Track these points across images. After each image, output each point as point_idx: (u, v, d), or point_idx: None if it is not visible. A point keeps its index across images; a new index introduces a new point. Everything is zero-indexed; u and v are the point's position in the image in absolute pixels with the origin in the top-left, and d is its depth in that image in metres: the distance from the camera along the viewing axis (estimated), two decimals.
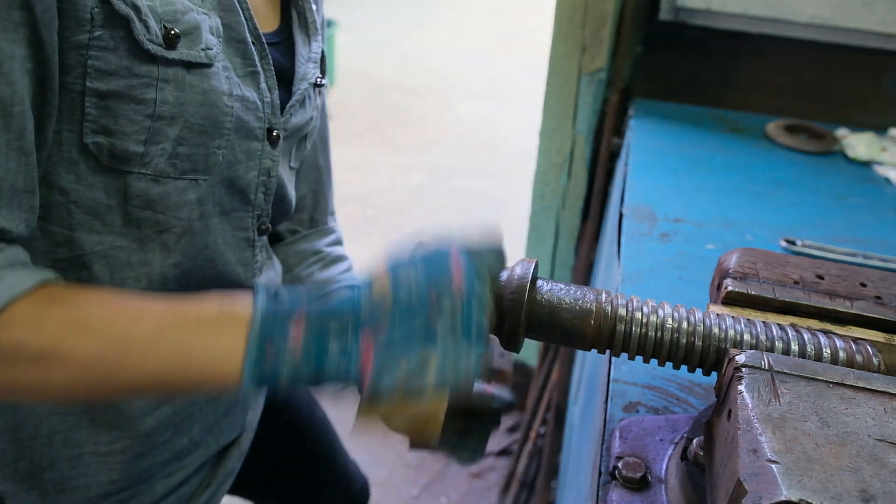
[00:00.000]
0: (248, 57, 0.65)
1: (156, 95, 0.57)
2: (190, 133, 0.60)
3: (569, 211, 1.79)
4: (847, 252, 1.00)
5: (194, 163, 0.62)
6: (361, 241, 3.14)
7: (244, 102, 0.64)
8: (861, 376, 0.45)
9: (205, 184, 0.64)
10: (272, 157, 0.71)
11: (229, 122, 0.63)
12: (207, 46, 0.60)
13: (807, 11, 1.45)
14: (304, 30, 0.77)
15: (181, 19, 0.58)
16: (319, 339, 0.47)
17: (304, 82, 0.74)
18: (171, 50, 0.57)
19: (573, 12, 1.56)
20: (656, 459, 0.61)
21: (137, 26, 0.55)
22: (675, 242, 1.02)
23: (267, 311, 0.49)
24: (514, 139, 4.13)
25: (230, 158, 0.65)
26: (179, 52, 0.57)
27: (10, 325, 0.49)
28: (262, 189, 0.72)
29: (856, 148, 1.36)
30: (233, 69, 0.64)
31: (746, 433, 0.41)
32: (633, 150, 1.32)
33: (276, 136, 0.70)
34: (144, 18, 0.55)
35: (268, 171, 0.71)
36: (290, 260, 0.92)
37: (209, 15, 0.61)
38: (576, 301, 0.54)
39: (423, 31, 6.17)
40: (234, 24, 0.63)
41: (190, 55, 0.58)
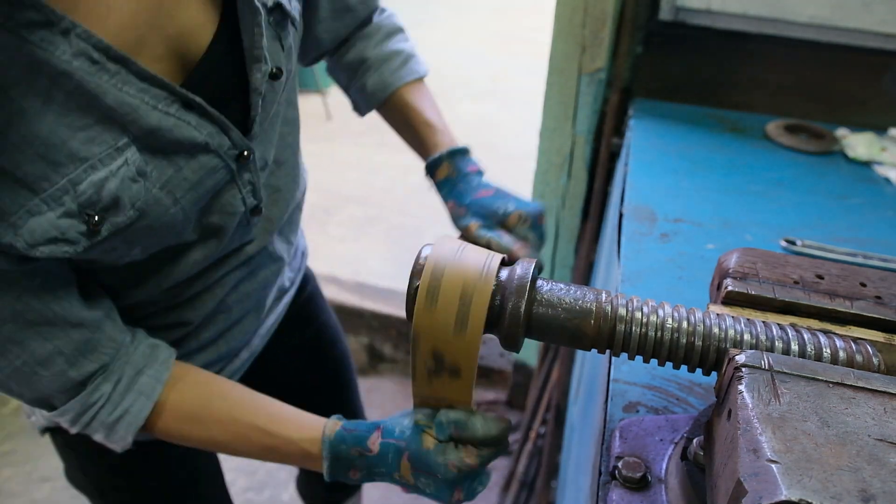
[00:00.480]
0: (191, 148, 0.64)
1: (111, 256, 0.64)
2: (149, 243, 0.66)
3: (569, 211, 1.79)
4: (847, 252, 1.00)
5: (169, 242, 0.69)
6: (362, 241, 3.14)
7: (195, 187, 0.65)
8: (861, 376, 0.45)
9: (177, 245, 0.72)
10: (248, 169, 0.72)
11: (182, 217, 0.66)
12: (134, 201, 0.60)
13: (807, 11, 1.45)
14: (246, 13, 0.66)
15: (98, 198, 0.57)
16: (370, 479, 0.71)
17: (255, 94, 0.69)
18: (99, 235, 0.59)
19: (573, 12, 1.56)
20: (656, 459, 0.61)
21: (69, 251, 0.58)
22: (675, 242, 1.02)
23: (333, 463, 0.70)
24: (514, 139, 4.13)
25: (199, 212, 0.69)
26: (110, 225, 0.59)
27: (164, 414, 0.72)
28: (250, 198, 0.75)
29: (856, 148, 1.35)
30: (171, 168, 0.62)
31: (746, 433, 0.41)
32: (633, 150, 1.32)
33: (247, 156, 0.70)
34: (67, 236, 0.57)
35: (251, 183, 0.73)
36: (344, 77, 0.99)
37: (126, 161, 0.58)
38: (576, 301, 0.54)
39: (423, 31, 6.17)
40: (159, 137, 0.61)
41: (120, 224, 0.60)
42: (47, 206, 0.55)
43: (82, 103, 0.55)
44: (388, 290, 2.53)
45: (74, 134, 0.55)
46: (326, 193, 3.46)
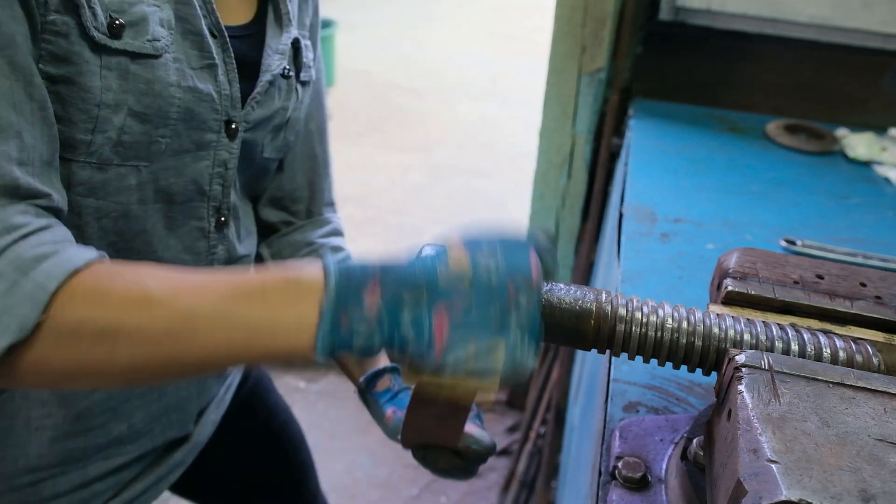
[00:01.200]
0: (205, 49, 0.66)
1: (101, 83, 0.58)
2: (133, 121, 0.61)
3: (569, 211, 1.79)
4: (847, 252, 1.00)
5: (136, 150, 0.63)
6: (361, 241, 3.13)
7: (196, 94, 0.65)
8: (861, 376, 0.45)
9: (146, 170, 0.65)
10: (229, 150, 0.72)
11: (175, 113, 0.64)
12: (155, 38, 0.61)
13: (807, 11, 1.45)
14: (277, 21, 0.77)
15: (128, 10, 0.59)
16: (394, 309, 0.46)
17: (267, 73, 0.74)
18: (116, 39, 0.58)
19: (573, 12, 1.56)
20: (656, 459, 0.61)
21: (86, 13, 0.56)
22: (675, 242, 1.02)
23: (341, 279, 0.47)
24: (514, 139, 4.13)
25: (176, 147, 0.66)
26: (124, 41, 0.59)
27: (73, 301, 0.48)
28: (217, 181, 0.72)
29: (856, 148, 1.36)
30: (186, 61, 0.64)
31: (746, 433, 0.41)
32: (633, 150, 1.32)
33: (234, 129, 0.71)
34: (93, 6, 0.56)
35: (224, 162, 0.72)
36: (284, 252, 0.91)
37: (161, 7, 0.62)
38: (576, 301, 0.54)
39: (423, 31, 6.17)
40: (190, 16, 0.64)
41: (134, 45, 0.59)
42: None
43: None
44: None
45: None
46: None
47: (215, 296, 0.49)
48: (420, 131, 4.29)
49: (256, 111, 0.74)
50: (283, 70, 0.76)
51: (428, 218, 3.31)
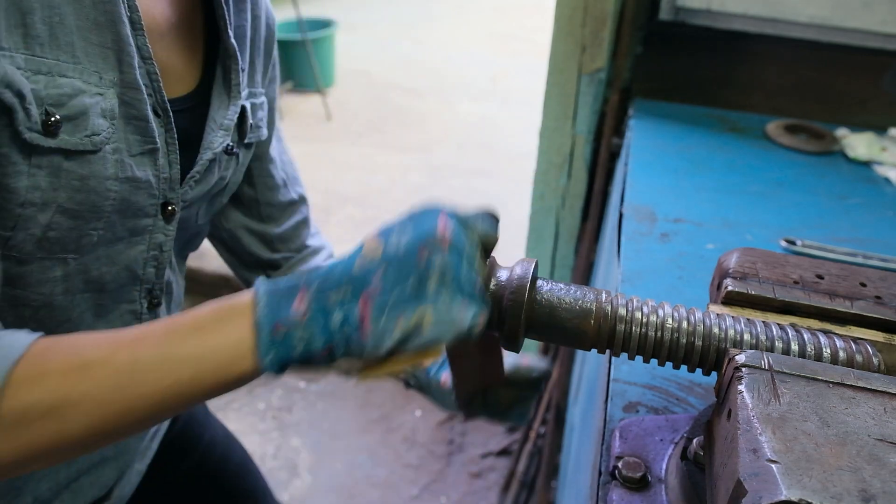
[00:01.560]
0: (148, 134, 0.62)
1: (28, 182, 0.54)
2: (62, 218, 0.57)
3: (569, 211, 1.79)
4: (847, 252, 1.00)
5: (64, 244, 0.59)
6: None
7: (134, 183, 0.61)
8: (861, 376, 0.45)
9: (74, 262, 0.61)
10: (165, 232, 0.68)
11: (110, 206, 0.60)
12: (94, 132, 0.57)
13: (807, 11, 1.45)
14: (226, 90, 0.71)
15: (67, 103, 0.55)
16: (323, 311, 0.47)
17: (207, 151, 0.69)
18: (51, 138, 0.54)
19: (573, 12, 1.56)
20: (656, 459, 0.61)
21: (20, 116, 0.52)
22: (675, 242, 1.02)
23: (269, 296, 0.48)
24: (514, 139, 4.13)
25: (109, 237, 0.62)
26: (59, 139, 0.55)
27: (15, 390, 0.46)
28: (152, 264, 0.69)
29: (856, 148, 1.36)
30: (126, 149, 0.60)
31: (746, 433, 0.41)
32: (633, 150, 1.32)
33: (171, 211, 0.67)
34: (27, 106, 0.52)
35: (159, 245, 0.68)
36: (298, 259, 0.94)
37: (104, 94, 0.58)
38: (576, 301, 0.54)
39: (423, 31, 6.17)
40: (135, 101, 0.60)
41: (70, 143, 0.55)
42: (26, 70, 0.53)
43: (103, 20, 0.57)
44: None
45: (84, 37, 0.56)
46: (325, 194, 3.46)
47: (152, 342, 0.49)
48: (420, 131, 4.29)
49: (195, 189, 0.70)
50: (227, 147, 0.72)
51: None
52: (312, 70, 4.27)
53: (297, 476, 2.01)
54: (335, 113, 4.43)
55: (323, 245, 0.97)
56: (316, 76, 4.30)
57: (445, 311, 0.46)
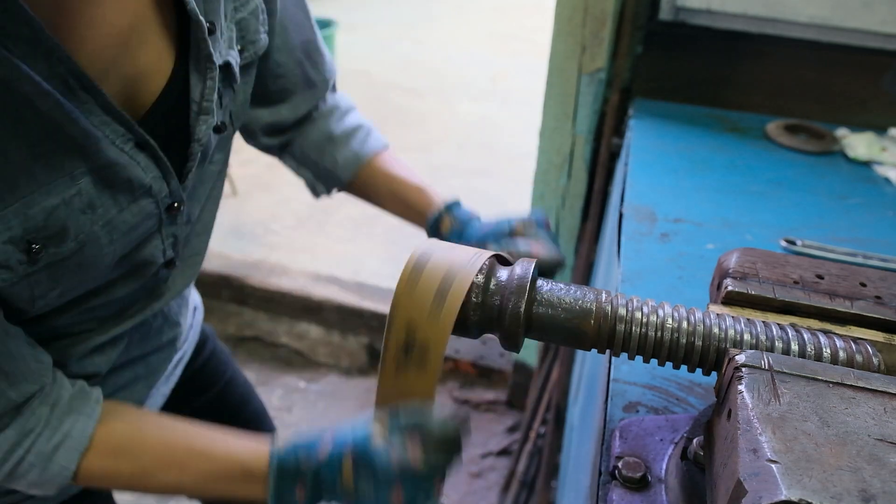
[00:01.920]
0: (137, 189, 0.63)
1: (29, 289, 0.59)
2: (72, 284, 0.63)
3: (569, 211, 1.79)
4: (847, 252, 1.00)
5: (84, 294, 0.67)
6: (361, 242, 3.13)
7: (131, 228, 0.64)
8: (861, 376, 0.45)
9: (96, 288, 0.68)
10: (176, 221, 0.71)
11: (110, 259, 0.64)
12: (78, 233, 0.59)
13: (807, 11, 1.45)
14: (198, 67, 0.67)
15: (43, 225, 0.56)
16: None
17: (195, 145, 0.69)
18: (36, 265, 0.57)
19: (573, 12, 1.56)
20: (656, 459, 0.61)
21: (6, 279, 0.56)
22: (675, 242, 1.02)
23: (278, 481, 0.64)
24: (514, 139, 4.13)
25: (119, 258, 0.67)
26: (49, 255, 0.58)
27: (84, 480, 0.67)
28: (170, 248, 0.73)
29: (856, 148, 1.36)
30: (116, 212, 0.62)
31: (746, 433, 0.41)
32: (633, 150, 1.32)
33: (176, 208, 0.69)
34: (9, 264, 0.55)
35: (173, 235, 0.72)
36: (309, 153, 0.95)
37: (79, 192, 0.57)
38: (576, 301, 0.54)
39: (423, 31, 6.17)
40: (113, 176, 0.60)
41: (58, 254, 0.58)
42: None
43: (49, 129, 0.54)
44: (387, 290, 2.53)
45: (37, 158, 0.54)
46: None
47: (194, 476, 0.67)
48: (420, 131, 4.29)
49: (193, 175, 0.71)
50: (215, 126, 0.71)
51: None
52: None
53: None
54: None
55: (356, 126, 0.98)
56: None
57: None
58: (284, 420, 2.20)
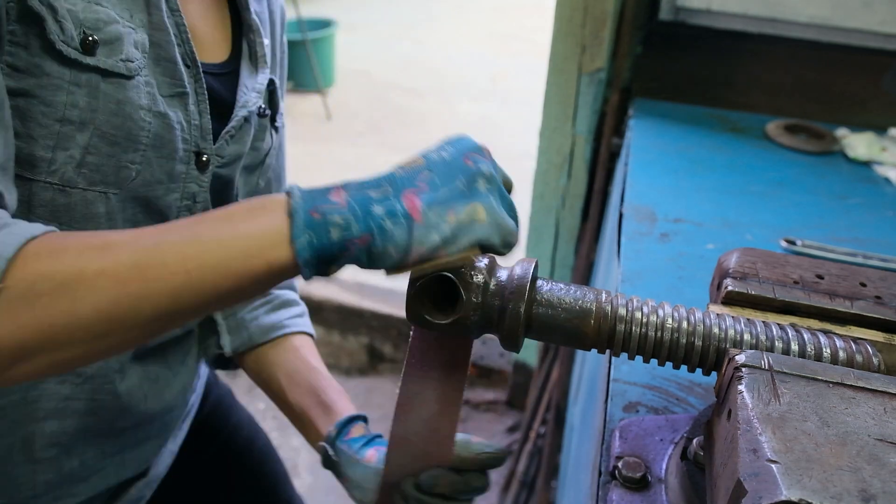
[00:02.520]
0: (177, 77, 0.64)
1: (66, 99, 0.56)
2: (100, 142, 0.58)
3: (569, 211, 1.79)
4: (847, 252, 1.00)
5: (104, 174, 0.60)
6: None
7: (165, 120, 0.63)
8: (861, 376, 0.45)
9: (115, 198, 0.62)
10: (199, 182, 0.69)
11: (145, 137, 0.61)
12: (129, 59, 0.59)
13: (806, 11, 1.45)
14: (253, 62, 0.76)
15: (103, 28, 0.57)
16: (364, 203, 0.47)
17: (243, 109, 0.73)
18: (89, 56, 0.56)
19: (573, 12, 1.56)
20: (656, 459, 0.61)
21: (50, 26, 0.54)
22: (675, 242, 1.02)
23: (304, 191, 0.49)
24: (514, 139, 4.13)
25: (147, 177, 0.64)
26: (97, 59, 0.57)
27: (27, 260, 0.44)
28: (184, 213, 0.69)
29: (856, 148, 1.36)
30: (157, 86, 0.63)
31: (746, 433, 0.41)
32: (633, 150, 1.32)
33: (205, 161, 0.69)
34: (60, 20, 0.55)
35: (193, 195, 0.69)
36: (255, 338, 0.87)
37: (136, 30, 0.60)
38: (576, 301, 0.54)
39: (423, 31, 6.17)
40: (164, 42, 0.63)
41: (107, 63, 0.58)
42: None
43: None
44: (387, 289, 2.53)
45: None
46: None
47: (180, 227, 0.48)
48: (420, 131, 4.29)
49: (230, 146, 0.72)
50: (259, 108, 0.75)
51: None
52: (312, 70, 4.27)
53: (297, 476, 2.01)
54: (335, 113, 4.43)
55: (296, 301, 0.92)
56: (316, 76, 4.30)
57: (496, 211, 0.48)
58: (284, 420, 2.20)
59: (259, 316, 0.87)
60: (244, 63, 0.75)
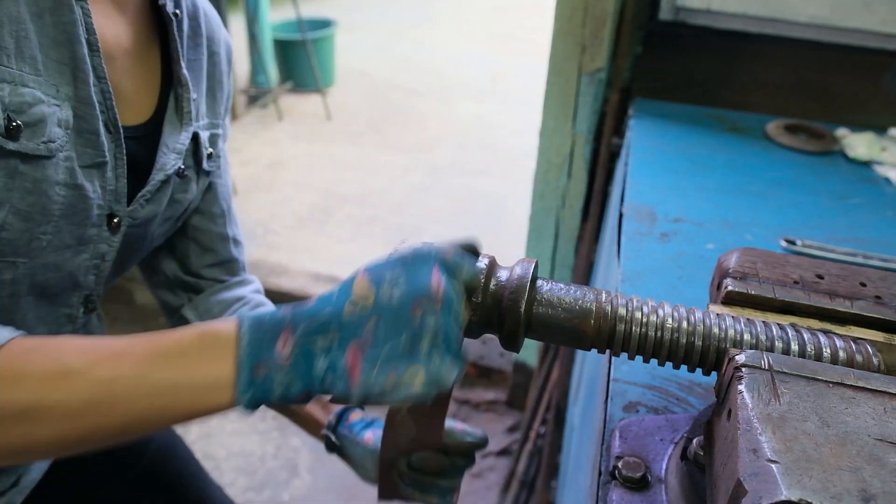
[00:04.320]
0: (98, 148, 0.65)
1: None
2: (14, 219, 0.59)
3: (569, 211, 1.79)
4: (847, 252, 1.00)
5: (15, 247, 0.61)
6: (361, 242, 3.14)
7: (81, 192, 0.64)
8: (861, 376, 0.45)
9: (23, 266, 0.63)
10: (109, 243, 0.71)
11: (58, 210, 0.62)
12: (50, 139, 0.60)
13: (807, 11, 1.45)
14: (178, 117, 0.76)
15: (27, 111, 0.58)
16: (307, 356, 0.48)
17: (160, 173, 0.73)
18: (12, 141, 0.57)
19: (573, 12, 1.56)
20: (656, 459, 0.61)
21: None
22: (675, 242, 1.02)
23: (253, 332, 0.49)
24: (514, 139, 4.13)
25: (56, 243, 0.65)
26: (19, 143, 0.57)
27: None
28: (93, 272, 0.71)
29: (856, 148, 1.36)
30: (77, 158, 0.63)
31: (746, 433, 0.41)
32: (633, 149, 1.32)
33: (116, 223, 0.70)
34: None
35: (102, 255, 0.71)
36: (214, 310, 0.91)
37: (60, 106, 0.61)
38: (576, 301, 0.54)
39: (423, 31, 6.17)
40: (88, 116, 0.63)
41: (28, 147, 0.58)
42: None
43: (62, 38, 0.60)
44: None
45: (46, 52, 0.59)
46: (325, 193, 3.46)
47: (134, 362, 0.49)
48: (420, 131, 4.29)
49: (145, 208, 0.73)
50: (178, 169, 0.76)
51: (428, 218, 3.31)
52: (312, 70, 4.27)
53: (297, 476, 2.01)
54: (335, 113, 4.43)
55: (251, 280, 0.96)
56: (316, 76, 4.30)
57: (435, 372, 0.47)
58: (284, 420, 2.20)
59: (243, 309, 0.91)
60: (168, 120, 0.75)
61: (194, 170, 0.80)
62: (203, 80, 0.80)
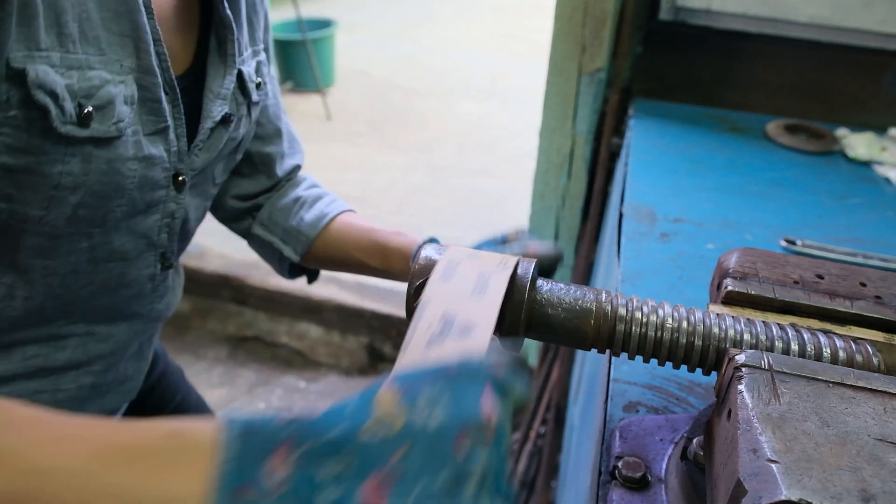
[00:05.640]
0: (161, 114, 0.66)
1: (62, 168, 0.58)
2: (91, 198, 0.61)
3: (569, 211, 1.79)
4: (847, 252, 1.00)
5: (91, 220, 0.64)
6: None
7: (149, 161, 0.65)
8: (861, 376, 0.45)
9: (98, 234, 0.66)
10: (177, 201, 0.72)
11: (131, 184, 0.64)
12: (119, 119, 0.61)
13: (806, 11, 1.45)
14: (221, 60, 0.75)
15: (96, 94, 0.58)
16: (309, 485, 0.34)
17: (208, 121, 0.73)
18: (84, 128, 0.58)
19: (573, 12, 1.56)
20: (656, 459, 0.61)
21: (54, 114, 0.55)
22: (675, 242, 1.02)
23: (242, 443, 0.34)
24: (514, 139, 4.13)
25: (129, 210, 0.66)
26: (91, 129, 0.58)
27: None
28: (165, 230, 0.73)
29: (856, 148, 1.36)
30: (142, 130, 0.64)
31: (746, 433, 0.41)
32: (633, 149, 1.32)
33: (181, 181, 0.71)
34: (62, 103, 0.56)
35: (171, 213, 0.72)
36: (277, 218, 0.93)
37: (125, 82, 0.61)
38: (576, 301, 0.54)
39: (423, 31, 6.17)
40: (150, 84, 0.64)
41: (100, 131, 0.59)
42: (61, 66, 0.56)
43: (122, 9, 0.60)
44: (387, 289, 2.53)
45: (108, 26, 0.59)
46: None
47: (83, 452, 0.36)
48: (420, 131, 4.29)
49: (200, 157, 0.74)
50: (225, 114, 0.75)
51: (428, 218, 3.31)
52: (312, 70, 4.27)
53: None
54: (335, 113, 4.43)
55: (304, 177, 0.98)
56: (316, 76, 4.30)
57: None
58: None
59: (303, 217, 0.92)
60: (211, 63, 0.74)
61: (245, 105, 0.79)
62: (243, 13, 0.77)
